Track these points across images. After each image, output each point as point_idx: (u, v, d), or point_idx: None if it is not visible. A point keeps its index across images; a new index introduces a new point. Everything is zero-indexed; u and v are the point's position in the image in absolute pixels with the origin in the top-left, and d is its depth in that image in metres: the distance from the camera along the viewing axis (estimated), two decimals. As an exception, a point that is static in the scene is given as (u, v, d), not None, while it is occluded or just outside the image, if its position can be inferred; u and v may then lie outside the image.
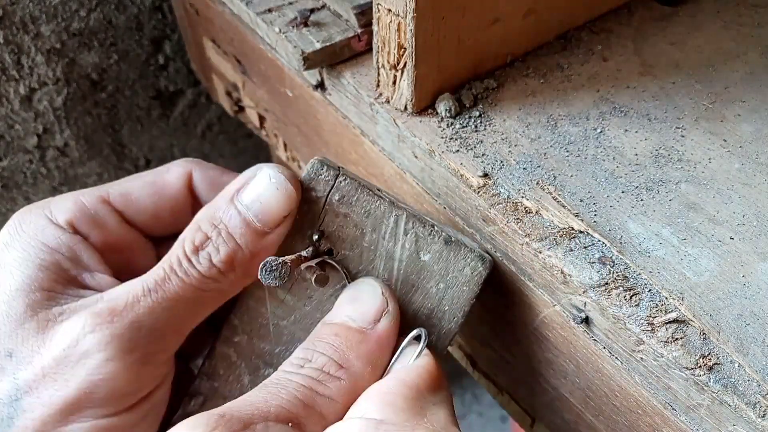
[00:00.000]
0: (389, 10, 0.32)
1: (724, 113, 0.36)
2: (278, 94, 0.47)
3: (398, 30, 0.32)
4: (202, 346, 0.33)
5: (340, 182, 0.29)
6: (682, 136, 0.35)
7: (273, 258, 0.26)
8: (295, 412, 0.25)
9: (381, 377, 0.28)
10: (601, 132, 0.35)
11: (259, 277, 0.26)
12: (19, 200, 0.65)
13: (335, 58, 0.39)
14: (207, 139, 0.76)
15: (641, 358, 0.27)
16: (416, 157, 0.35)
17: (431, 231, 0.30)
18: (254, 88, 0.51)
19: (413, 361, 0.28)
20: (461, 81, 0.37)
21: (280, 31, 0.39)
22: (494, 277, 0.34)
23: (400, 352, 0.29)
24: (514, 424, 1.17)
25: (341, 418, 0.26)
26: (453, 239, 0.30)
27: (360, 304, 0.29)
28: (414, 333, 0.29)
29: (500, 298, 0.35)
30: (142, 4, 0.63)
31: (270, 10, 0.41)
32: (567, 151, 0.34)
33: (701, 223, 0.30)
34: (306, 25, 0.39)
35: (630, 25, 0.42)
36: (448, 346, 0.31)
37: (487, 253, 0.31)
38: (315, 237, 0.30)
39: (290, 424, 0.24)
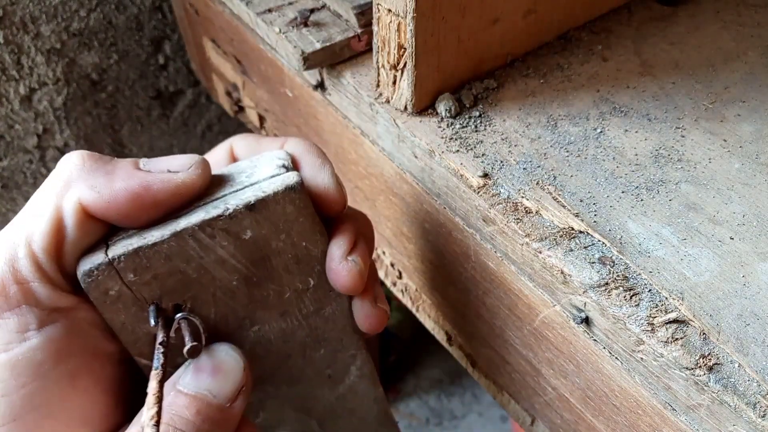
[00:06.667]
0: (389, 10, 0.32)
1: (724, 113, 0.36)
2: (278, 94, 0.47)
3: (398, 30, 0.32)
4: None
5: (119, 263, 0.25)
6: (682, 136, 0.35)
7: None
8: None
9: None
10: (601, 132, 0.35)
11: None
12: (19, 200, 0.65)
13: (335, 58, 0.39)
14: (207, 139, 0.76)
15: (641, 358, 0.27)
16: (416, 157, 0.35)
17: (231, 214, 0.26)
18: (254, 88, 0.51)
19: None
20: (461, 81, 0.37)
21: (280, 31, 0.39)
22: (495, 277, 0.34)
23: None
24: (514, 424, 1.17)
25: None
26: (253, 201, 0.26)
27: (222, 378, 0.27)
28: None
29: (500, 299, 0.35)
30: (142, 4, 0.63)
31: (270, 10, 0.41)
32: (567, 151, 0.34)
33: (701, 223, 0.30)
34: (306, 25, 0.39)
35: (630, 25, 0.42)
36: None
37: (284, 166, 0.28)
38: (152, 315, 0.27)
39: None
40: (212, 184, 0.28)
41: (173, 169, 0.26)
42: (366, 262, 0.30)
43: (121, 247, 0.25)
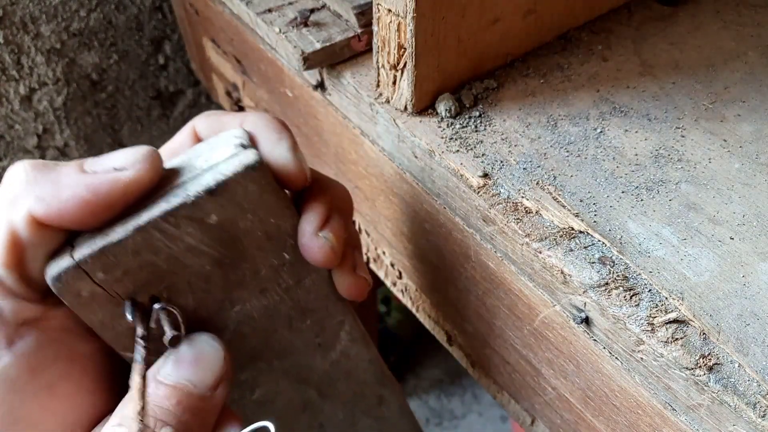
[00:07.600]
0: (389, 10, 0.32)
1: (724, 113, 0.36)
2: (278, 94, 0.47)
3: (398, 30, 0.32)
4: None
5: (87, 264, 0.25)
6: (682, 136, 0.35)
7: None
8: None
9: None
10: (601, 132, 0.35)
11: None
12: (19, 200, 0.65)
13: (335, 58, 0.39)
14: (207, 139, 0.76)
15: (641, 358, 0.27)
16: (416, 157, 0.35)
17: (192, 201, 0.26)
18: (254, 88, 0.51)
19: None
20: (461, 81, 0.37)
21: (280, 31, 0.39)
22: (495, 277, 0.34)
23: None
24: (514, 424, 1.17)
25: None
26: (213, 185, 0.26)
27: (203, 368, 0.27)
28: (258, 425, 0.27)
29: (500, 299, 0.35)
30: (142, 4, 0.63)
31: (270, 10, 0.41)
32: (567, 151, 0.34)
33: (701, 223, 0.30)
34: (306, 25, 0.39)
35: (630, 25, 0.42)
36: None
37: (242, 145, 0.27)
38: (128, 310, 0.26)
39: None
40: (171, 172, 0.27)
41: (119, 166, 0.25)
42: (339, 236, 0.29)
43: (86, 248, 0.25)
